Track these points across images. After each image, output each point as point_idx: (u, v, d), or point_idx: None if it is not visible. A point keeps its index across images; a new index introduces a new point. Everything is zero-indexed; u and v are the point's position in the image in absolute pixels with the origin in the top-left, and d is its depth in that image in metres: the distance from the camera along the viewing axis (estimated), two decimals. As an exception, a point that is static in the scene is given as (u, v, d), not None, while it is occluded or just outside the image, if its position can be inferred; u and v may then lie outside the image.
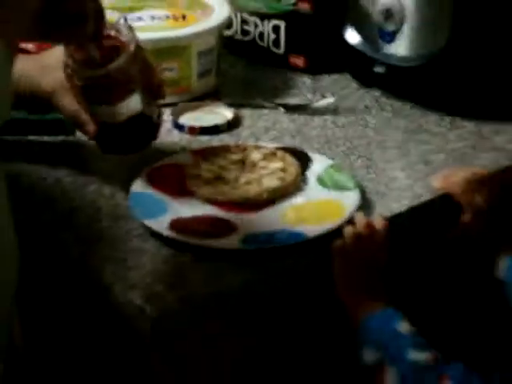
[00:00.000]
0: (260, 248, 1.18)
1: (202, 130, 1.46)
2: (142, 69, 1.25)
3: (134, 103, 1.24)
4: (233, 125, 1.47)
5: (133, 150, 1.33)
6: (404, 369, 1.11)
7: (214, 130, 1.46)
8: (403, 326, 1.13)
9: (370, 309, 1.16)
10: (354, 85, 1.60)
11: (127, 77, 1.21)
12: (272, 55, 1.66)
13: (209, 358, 1.20)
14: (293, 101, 1.56)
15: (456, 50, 1.44)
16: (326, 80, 1.63)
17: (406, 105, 1.54)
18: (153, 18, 1.55)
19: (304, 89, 1.60)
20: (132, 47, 1.22)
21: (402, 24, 1.46)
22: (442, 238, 1.29)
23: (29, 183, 1.35)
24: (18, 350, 1.36)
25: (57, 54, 1.25)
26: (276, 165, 1.32)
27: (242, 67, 1.70)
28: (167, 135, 1.44)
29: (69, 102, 1.27)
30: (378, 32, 1.50)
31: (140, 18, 1.53)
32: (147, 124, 1.31)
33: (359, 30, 1.55)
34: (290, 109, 1.53)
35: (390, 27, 1.48)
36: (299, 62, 1.64)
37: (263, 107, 1.54)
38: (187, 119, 1.48)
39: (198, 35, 1.51)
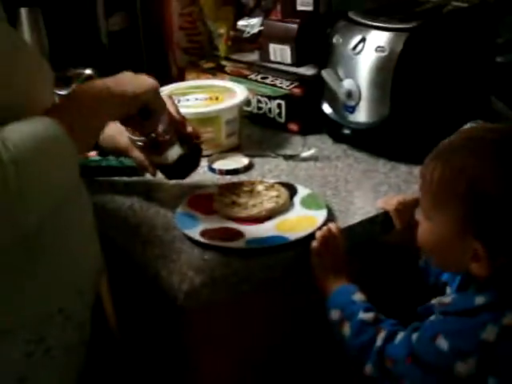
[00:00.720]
0: (258, 247, 1.20)
1: (227, 172, 1.45)
2: (177, 126, 1.27)
3: (175, 151, 1.27)
4: (248, 168, 1.46)
5: (184, 175, 1.35)
6: (356, 323, 1.12)
7: (234, 171, 1.45)
8: (357, 296, 1.15)
9: (336, 285, 1.17)
10: (330, 141, 1.58)
11: (165, 136, 1.22)
12: (276, 123, 1.65)
13: (219, 316, 1.22)
14: (288, 152, 1.53)
15: (394, 119, 1.44)
16: (311, 138, 1.60)
17: (363, 154, 1.51)
18: (197, 99, 1.54)
19: (296, 144, 1.57)
20: (165, 118, 1.22)
21: (359, 101, 1.46)
22: (382, 240, 1.30)
23: (112, 207, 1.37)
24: (114, 333, 1.35)
25: None
26: (273, 193, 1.32)
27: (257, 131, 1.67)
28: (204, 175, 1.44)
29: (137, 155, 1.31)
30: (344, 106, 1.49)
31: (188, 100, 1.54)
32: (189, 159, 1.33)
33: (331, 105, 1.54)
34: (286, 157, 1.51)
35: (351, 103, 1.47)
36: (294, 127, 1.62)
37: (269, 156, 1.52)
38: (218, 165, 1.46)
39: (224, 110, 1.51)
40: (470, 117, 1.45)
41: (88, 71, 1.76)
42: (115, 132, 1.31)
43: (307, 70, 1.64)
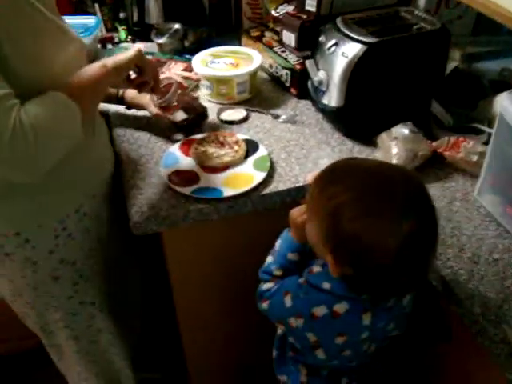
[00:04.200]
0: (199, 197, 0.98)
1: (225, 122, 1.22)
2: (181, 96, 1.13)
3: (180, 114, 1.13)
4: (242, 121, 1.22)
5: (192, 130, 1.13)
6: (269, 265, 0.88)
7: (230, 122, 1.22)
8: (290, 255, 0.86)
9: (292, 235, 0.87)
10: (313, 108, 1.23)
11: (173, 101, 1.08)
12: (284, 85, 1.33)
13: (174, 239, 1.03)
14: (279, 112, 1.23)
15: (349, 104, 1.11)
16: (303, 102, 1.27)
17: (329, 125, 1.18)
18: (225, 63, 1.29)
19: (290, 105, 1.27)
20: (173, 88, 1.06)
21: (327, 89, 1.15)
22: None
23: (128, 138, 1.14)
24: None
25: None
26: (235, 148, 1.09)
27: (270, 87, 1.32)
28: (211, 121, 1.18)
29: (153, 109, 1.14)
30: (318, 90, 1.18)
31: (219, 63, 1.30)
32: (192, 123, 1.13)
33: (311, 86, 1.20)
34: (274, 116, 1.23)
35: (322, 88, 1.16)
36: (294, 91, 1.32)
37: (262, 113, 1.24)
38: (223, 115, 1.24)
39: (237, 75, 1.25)
40: (407, 114, 1.10)
41: (177, 25, 1.44)
42: (136, 94, 1.11)
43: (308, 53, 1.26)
